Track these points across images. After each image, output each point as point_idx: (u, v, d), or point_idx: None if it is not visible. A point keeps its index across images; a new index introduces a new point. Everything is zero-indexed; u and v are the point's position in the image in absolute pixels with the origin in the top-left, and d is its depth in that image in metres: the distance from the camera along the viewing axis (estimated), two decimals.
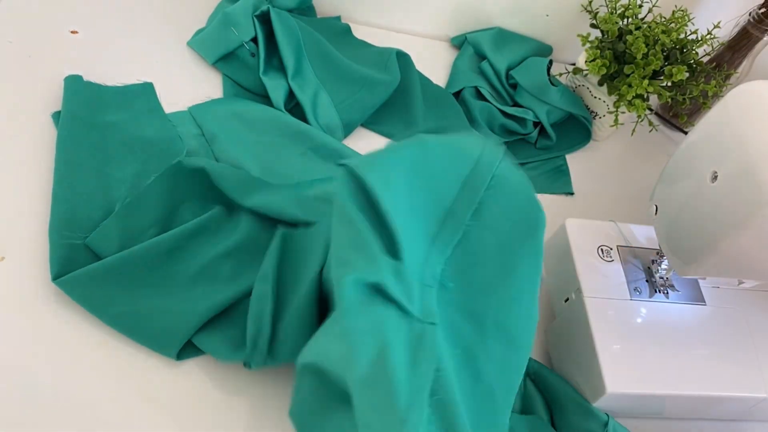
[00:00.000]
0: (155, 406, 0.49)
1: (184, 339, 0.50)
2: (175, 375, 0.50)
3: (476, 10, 0.87)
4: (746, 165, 0.45)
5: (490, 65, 0.83)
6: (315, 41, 0.73)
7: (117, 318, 0.51)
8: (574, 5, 0.86)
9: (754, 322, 0.60)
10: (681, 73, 0.71)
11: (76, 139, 0.59)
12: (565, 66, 0.88)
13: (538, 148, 0.82)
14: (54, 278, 0.51)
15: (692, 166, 0.52)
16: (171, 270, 0.54)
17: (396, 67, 0.76)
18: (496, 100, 0.80)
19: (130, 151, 0.61)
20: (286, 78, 0.70)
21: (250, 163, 0.63)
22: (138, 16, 0.75)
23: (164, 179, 0.58)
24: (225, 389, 0.50)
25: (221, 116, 0.68)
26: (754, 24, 0.75)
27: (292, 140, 0.67)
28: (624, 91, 0.73)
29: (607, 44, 0.75)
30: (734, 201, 0.46)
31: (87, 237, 0.54)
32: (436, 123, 0.78)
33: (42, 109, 0.62)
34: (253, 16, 0.70)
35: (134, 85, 0.67)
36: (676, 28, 0.73)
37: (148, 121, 0.64)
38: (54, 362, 0.48)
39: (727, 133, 0.49)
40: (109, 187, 0.58)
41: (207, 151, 0.64)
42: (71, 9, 0.71)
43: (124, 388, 0.49)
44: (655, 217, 0.57)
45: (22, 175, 0.57)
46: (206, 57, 0.73)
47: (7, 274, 0.51)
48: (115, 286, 0.52)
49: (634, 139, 0.87)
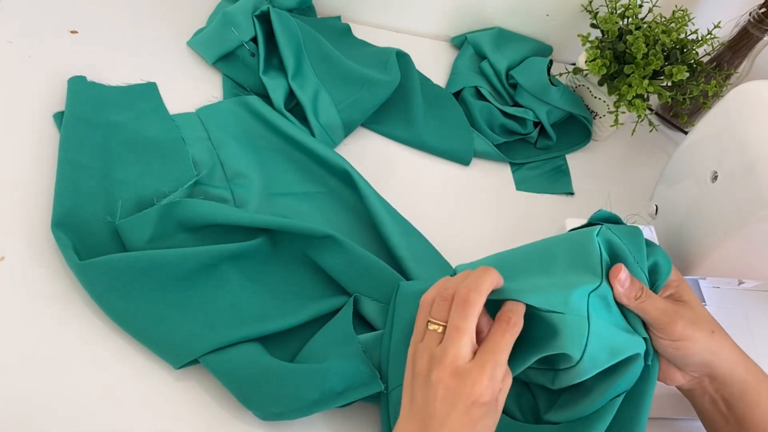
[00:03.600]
0: (156, 407, 0.49)
1: (193, 356, 0.49)
2: (176, 376, 0.50)
3: (476, 10, 0.87)
4: (746, 165, 0.45)
5: (490, 65, 0.83)
6: (315, 41, 0.73)
7: (126, 317, 0.50)
8: (574, 5, 0.86)
9: (754, 322, 0.60)
10: (681, 73, 0.71)
11: (80, 139, 0.59)
12: (565, 66, 0.88)
13: (538, 148, 0.82)
14: (68, 259, 0.50)
15: (692, 166, 0.52)
16: (200, 289, 0.53)
17: (396, 67, 0.76)
18: (496, 100, 0.80)
19: (133, 152, 0.61)
20: (286, 78, 0.70)
21: (256, 173, 0.64)
22: (138, 16, 0.75)
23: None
24: (226, 392, 0.50)
25: (230, 121, 0.68)
26: (754, 24, 0.75)
27: (296, 150, 0.68)
28: (624, 91, 0.73)
29: (607, 44, 0.75)
30: (734, 201, 0.46)
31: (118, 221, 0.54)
32: (436, 123, 0.78)
33: (42, 109, 0.61)
34: (253, 16, 0.70)
35: (138, 85, 0.67)
36: (676, 28, 0.73)
37: (152, 121, 0.64)
38: (54, 363, 0.48)
39: (727, 133, 0.49)
40: (112, 188, 0.57)
41: (213, 155, 0.64)
42: (71, 9, 0.71)
43: (124, 389, 0.49)
44: (655, 217, 0.57)
45: (22, 176, 0.57)
46: (206, 57, 0.73)
47: (7, 274, 0.51)
48: (134, 284, 0.51)
49: (634, 139, 0.87)
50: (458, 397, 0.39)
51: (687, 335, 0.45)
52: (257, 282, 0.57)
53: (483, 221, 0.72)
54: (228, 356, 0.49)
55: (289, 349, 0.53)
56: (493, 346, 0.40)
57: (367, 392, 0.48)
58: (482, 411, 0.39)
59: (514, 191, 0.77)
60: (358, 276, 0.57)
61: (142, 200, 0.58)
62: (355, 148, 0.73)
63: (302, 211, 0.64)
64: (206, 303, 0.53)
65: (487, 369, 0.39)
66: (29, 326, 0.49)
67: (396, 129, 0.76)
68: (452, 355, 0.40)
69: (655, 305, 0.45)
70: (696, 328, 0.45)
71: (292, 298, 0.57)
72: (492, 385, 0.39)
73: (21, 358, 0.48)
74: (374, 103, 0.74)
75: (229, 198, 0.61)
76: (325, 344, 0.52)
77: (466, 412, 0.39)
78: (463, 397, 0.39)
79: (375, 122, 0.76)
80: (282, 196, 0.64)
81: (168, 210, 0.55)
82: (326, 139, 0.70)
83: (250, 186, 0.62)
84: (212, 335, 0.50)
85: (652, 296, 0.46)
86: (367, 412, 0.52)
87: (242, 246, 0.56)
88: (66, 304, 0.51)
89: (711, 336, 0.45)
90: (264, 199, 0.62)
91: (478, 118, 0.78)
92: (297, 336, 0.54)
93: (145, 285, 0.51)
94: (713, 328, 0.46)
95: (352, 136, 0.74)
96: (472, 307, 0.40)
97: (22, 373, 0.47)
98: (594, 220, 0.50)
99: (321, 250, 0.58)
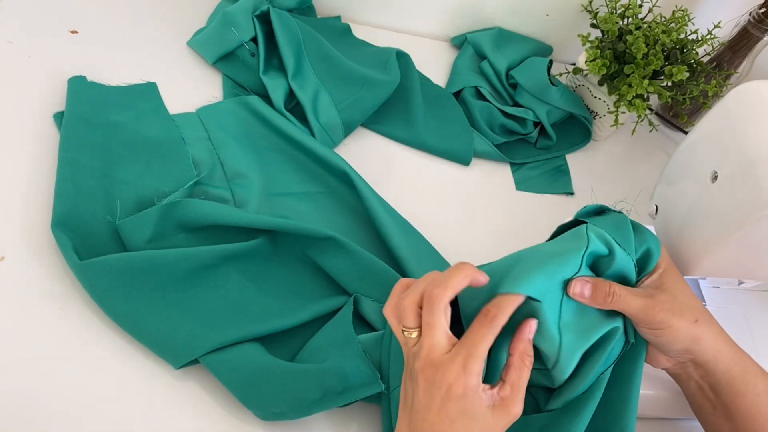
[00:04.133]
0: (156, 407, 0.49)
1: (193, 356, 0.49)
2: (176, 376, 0.50)
3: (476, 10, 0.87)
4: (746, 165, 0.45)
5: (490, 65, 0.83)
6: (315, 41, 0.73)
7: (126, 317, 0.50)
8: (574, 5, 0.86)
9: (754, 322, 0.60)
10: (681, 73, 0.71)
11: (80, 139, 0.59)
12: (565, 66, 0.88)
13: (538, 148, 0.82)
14: (68, 259, 0.50)
15: (692, 166, 0.52)
16: (200, 289, 0.54)
17: (396, 67, 0.76)
18: (496, 100, 0.80)
19: (133, 152, 0.61)
20: (286, 78, 0.70)
21: (256, 173, 0.64)
22: (138, 15, 0.75)
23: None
24: (226, 392, 0.50)
25: (230, 121, 0.68)
26: (754, 24, 0.75)
27: (295, 150, 0.67)
28: (624, 91, 0.73)
29: (607, 44, 0.75)
30: (734, 201, 0.46)
31: (119, 220, 0.54)
32: (436, 123, 0.78)
33: (42, 109, 0.61)
34: (252, 16, 0.70)
35: (138, 85, 0.67)
36: (676, 28, 0.73)
37: (152, 121, 0.64)
38: (54, 363, 0.48)
39: (727, 133, 0.49)
40: (112, 188, 0.57)
41: (213, 155, 0.64)
42: (71, 9, 0.71)
43: (124, 389, 0.49)
44: (655, 217, 0.57)
45: (22, 175, 0.57)
46: (206, 57, 0.73)
47: (7, 274, 0.51)
48: (134, 284, 0.51)
49: (634, 139, 0.87)
50: (434, 387, 0.40)
51: (667, 323, 0.45)
52: (257, 282, 0.57)
53: (483, 221, 0.72)
54: (228, 356, 0.49)
55: (289, 349, 0.53)
56: (469, 339, 0.41)
57: (368, 392, 0.48)
58: (458, 407, 0.39)
59: (514, 191, 0.77)
60: (359, 276, 0.57)
61: (142, 200, 0.58)
62: (355, 148, 0.73)
63: (302, 211, 0.64)
64: (206, 303, 0.53)
65: (458, 359, 0.40)
66: (29, 326, 0.49)
67: (396, 129, 0.76)
68: (427, 348, 0.41)
69: (630, 304, 0.45)
70: (676, 316, 0.45)
71: (292, 298, 0.57)
72: (466, 378, 0.40)
73: (21, 358, 0.48)
74: (374, 103, 0.74)
75: (229, 198, 0.61)
76: (325, 344, 0.52)
77: (443, 405, 0.39)
78: (437, 386, 0.40)
79: (375, 122, 0.76)
80: (282, 196, 0.64)
81: (168, 210, 0.55)
82: (326, 139, 0.70)
83: (250, 186, 0.62)
84: (212, 335, 0.50)
85: (624, 295, 0.45)
86: (367, 412, 0.52)
87: (242, 246, 0.56)
88: (66, 304, 0.51)
89: (693, 324, 0.45)
90: (264, 199, 0.63)
91: (478, 118, 0.78)
92: (297, 336, 0.54)
93: (145, 285, 0.51)
94: (697, 317, 0.45)
95: (352, 136, 0.74)
96: (436, 302, 0.41)
97: (22, 373, 0.47)
98: (580, 216, 0.50)
99: (321, 250, 0.58)
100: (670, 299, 0.45)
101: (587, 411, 0.46)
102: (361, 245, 0.58)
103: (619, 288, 0.45)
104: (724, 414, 0.47)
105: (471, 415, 0.40)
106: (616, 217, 0.49)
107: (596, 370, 0.46)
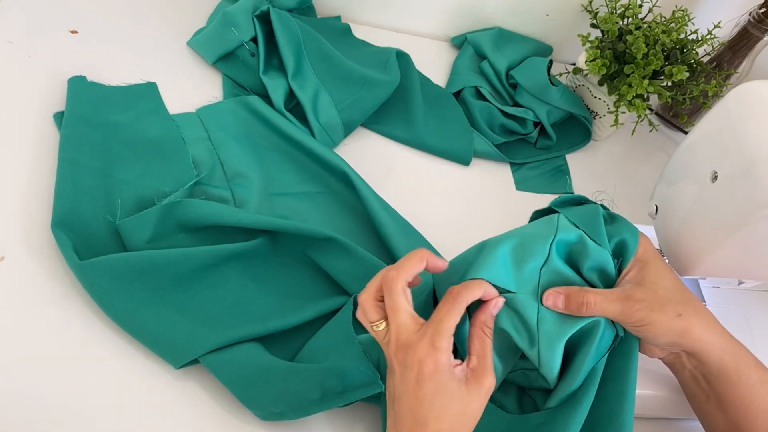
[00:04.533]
0: (156, 407, 0.49)
1: (193, 356, 0.49)
2: (176, 376, 0.50)
3: (476, 10, 0.87)
4: (746, 165, 0.45)
5: (490, 65, 0.83)
6: (315, 41, 0.73)
7: (126, 317, 0.50)
8: (574, 5, 0.86)
9: (754, 322, 0.60)
10: (681, 73, 0.71)
11: (80, 139, 0.59)
12: (565, 66, 0.88)
13: (538, 148, 0.82)
14: (68, 259, 0.50)
15: (692, 166, 0.52)
16: (200, 289, 0.54)
17: (396, 67, 0.76)
18: (496, 100, 0.80)
19: (133, 152, 0.61)
20: (286, 78, 0.70)
21: (256, 173, 0.64)
22: (138, 16, 0.75)
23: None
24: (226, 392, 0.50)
25: (230, 121, 0.68)
26: (754, 24, 0.75)
27: (295, 150, 0.67)
28: (624, 91, 0.73)
29: (607, 44, 0.75)
30: (734, 201, 0.46)
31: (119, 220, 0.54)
32: (436, 123, 0.78)
33: (42, 109, 0.61)
34: (252, 16, 0.70)
35: (138, 85, 0.67)
36: (676, 28, 0.73)
37: (152, 121, 0.64)
38: (54, 362, 0.48)
39: (727, 133, 0.49)
40: (112, 188, 0.57)
41: (213, 155, 0.64)
42: (71, 9, 0.71)
43: (124, 389, 0.49)
44: (655, 217, 0.57)
45: (22, 175, 0.57)
46: (206, 57, 0.73)
47: (7, 274, 0.51)
48: (134, 284, 0.51)
49: (634, 139, 0.87)
50: (407, 368, 0.41)
51: (646, 321, 0.44)
52: (257, 282, 0.57)
53: (483, 221, 0.72)
54: (228, 356, 0.49)
55: (290, 349, 0.53)
56: (435, 316, 0.42)
57: (368, 392, 0.48)
58: (432, 386, 0.40)
59: (514, 191, 0.77)
60: (359, 276, 0.57)
61: (142, 200, 0.58)
62: (355, 148, 0.73)
63: (302, 210, 0.64)
64: (206, 303, 0.53)
65: (426, 337, 0.41)
66: (29, 326, 0.49)
67: (396, 129, 0.76)
68: (395, 331, 0.42)
69: (607, 310, 0.45)
70: (656, 312, 0.44)
71: (293, 298, 0.57)
72: (436, 354, 0.40)
73: (21, 358, 0.48)
74: (374, 103, 0.74)
75: (229, 198, 0.61)
76: (325, 344, 0.52)
77: (418, 386, 0.40)
78: (410, 367, 0.40)
79: (375, 122, 0.76)
80: (282, 196, 0.64)
81: (168, 210, 0.55)
82: (326, 139, 0.70)
83: (250, 186, 0.62)
84: (212, 335, 0.50)
85: (599, 302, 0.45)
86: (367, 412, 0.52)
87: (242, 246, 0.56)
88: (66, 304, 0.51)
89: (677, 318, 0.45)
90: (264, 199, 0.63)
91: (478, 118, 0.78)
92: (297, 336, 0.54)
93: (145, 285, 0.51)
94: (680, 311, 0.45)
95: (352, 136, 0.74)
96: (392, 285, 0.42)
97: (23, 373, 0.47)
98: (555, 205, 0.50)
99: (321, 250, 0.58)
100: (649, 296, 0.45)
101: (583, 407, 0.46)
102: (361, 245, 0.58)
103: (594, 296, 0.45)
104: (717, 404, 0.47)
105: (446, 392, 0.40)
106: (589, 208, 0.49)
107: (588, 364, 0.46)
